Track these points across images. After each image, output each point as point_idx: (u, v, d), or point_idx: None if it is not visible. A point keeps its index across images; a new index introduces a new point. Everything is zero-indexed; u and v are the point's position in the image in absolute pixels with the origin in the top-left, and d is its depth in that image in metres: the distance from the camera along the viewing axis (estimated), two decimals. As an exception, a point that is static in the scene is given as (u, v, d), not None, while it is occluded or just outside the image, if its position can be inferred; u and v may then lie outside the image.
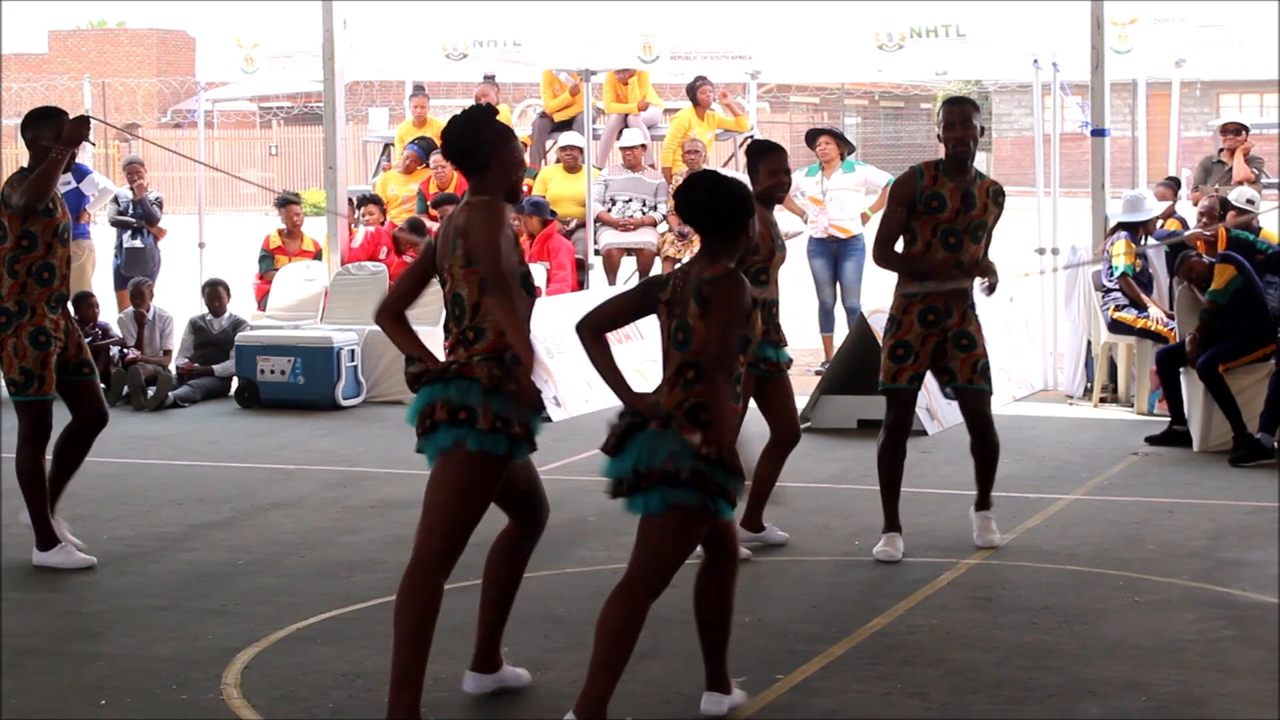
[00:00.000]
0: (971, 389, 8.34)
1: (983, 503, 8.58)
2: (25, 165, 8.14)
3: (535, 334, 5.96)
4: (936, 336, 8.28)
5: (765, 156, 8.41)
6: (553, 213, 15.23)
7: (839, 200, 14.67)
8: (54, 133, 8.01)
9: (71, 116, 8.08)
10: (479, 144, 5.88)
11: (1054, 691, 6.23)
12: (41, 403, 8.16)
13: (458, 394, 5.73)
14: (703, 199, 5.77)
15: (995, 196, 8.38)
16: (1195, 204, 13.21)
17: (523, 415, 5.78)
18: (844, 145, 14.87)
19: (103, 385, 13.77)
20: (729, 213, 5.75)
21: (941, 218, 8.25)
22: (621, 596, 5.70)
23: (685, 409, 5.65)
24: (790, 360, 8.41)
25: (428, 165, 16.01)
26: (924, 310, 8.28)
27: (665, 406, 5.68)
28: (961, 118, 8.30)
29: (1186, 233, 12.66)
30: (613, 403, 5.84)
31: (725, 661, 6.04)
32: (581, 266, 15.43)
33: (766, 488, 8.27)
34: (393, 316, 6.01)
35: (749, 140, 16.04)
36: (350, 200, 15.72)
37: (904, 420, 8.45)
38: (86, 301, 14.44)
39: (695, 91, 16.28)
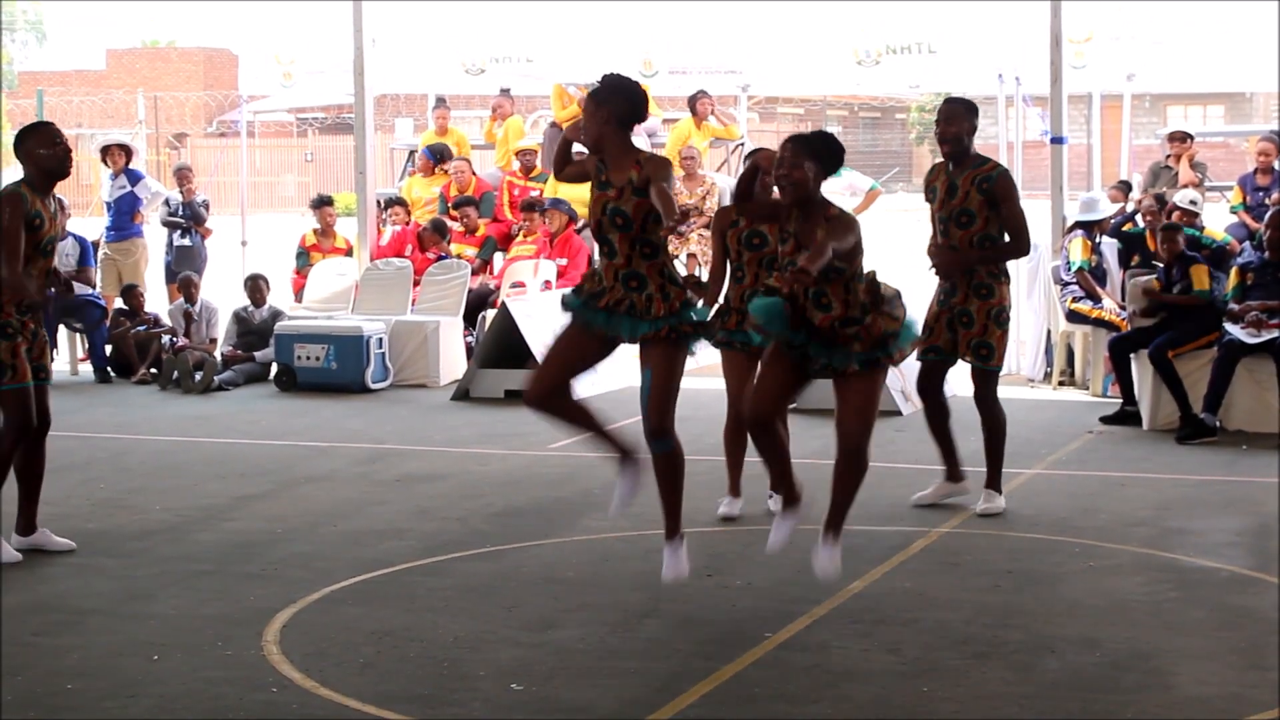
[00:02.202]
0: (969, 366, 8.45)
1: (991, 480, 8.51)
2: (24, 178, 7.61)
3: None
4: (947, 313, 8.39)
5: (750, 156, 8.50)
6: (573, 213, 15.17)
7: (828, 201, 14.55)
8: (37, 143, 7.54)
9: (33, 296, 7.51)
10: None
11: (1016, 647, 6.23)
12: (21, 391, 7.62)
13: None
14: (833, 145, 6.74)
15: (980, 184, 8.25)
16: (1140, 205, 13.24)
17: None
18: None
19: (154, 370, 14.01)
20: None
21: (933, 208, 8.43)
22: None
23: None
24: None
25: (446, 171, 15.92)
26: (941, 290, 8.45)
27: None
28: (946, 114, 8.36)
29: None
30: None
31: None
32: (592, 262, 15.36)
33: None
34: None
35: (739, 148, 16.10)
36: (378, 202, 15.69)
37: (923, 386, 8.54)
38: (133, 293, 14.46)
39: (695, 103, 16.26)
